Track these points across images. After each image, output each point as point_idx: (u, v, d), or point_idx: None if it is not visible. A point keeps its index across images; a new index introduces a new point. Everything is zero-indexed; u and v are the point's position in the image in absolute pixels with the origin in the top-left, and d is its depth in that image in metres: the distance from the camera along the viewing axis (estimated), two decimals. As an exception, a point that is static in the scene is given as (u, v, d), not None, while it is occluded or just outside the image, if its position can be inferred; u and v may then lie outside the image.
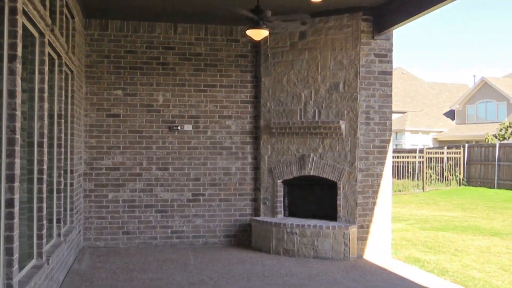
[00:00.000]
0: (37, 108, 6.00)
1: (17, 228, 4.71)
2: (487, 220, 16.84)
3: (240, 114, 10.97)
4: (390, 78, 10.00)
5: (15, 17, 4.66)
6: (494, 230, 14.56)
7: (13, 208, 4.57)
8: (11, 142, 4.59)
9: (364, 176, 9.80)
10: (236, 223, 10.87)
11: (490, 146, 28.41)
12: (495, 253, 11.09)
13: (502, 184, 26.58)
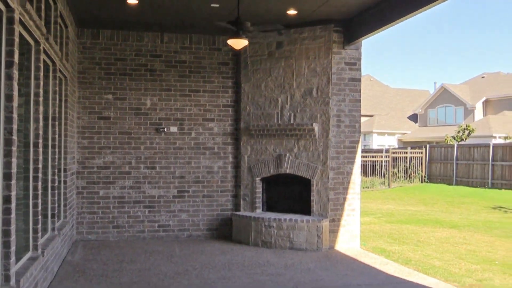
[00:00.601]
0: (32, 111, 5.95)
1: (14, 222, 4.68)
2: (446, 214, 17.00)
3: (222, 117, 10.97)
4: (359, 84, 10.06)
5: (12, 27, 4.65)
6: (453, 222, 14.71)
7: (10, 204, 4.56)
8: (8, 143, 4.58)
9: (335, 174, 9.85)
10: (218, 218, 10.86)
11: (449, 147, 28.69)
12: (453, 243, 11.21)
13: (459, 181, 26.87)
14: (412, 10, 7.77)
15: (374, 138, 47.48)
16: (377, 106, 51.94)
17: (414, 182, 28.42)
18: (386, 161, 28.58)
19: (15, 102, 4.65)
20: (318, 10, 9.09)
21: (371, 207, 18.25)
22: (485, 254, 9.99)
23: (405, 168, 28.85)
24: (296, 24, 10.00)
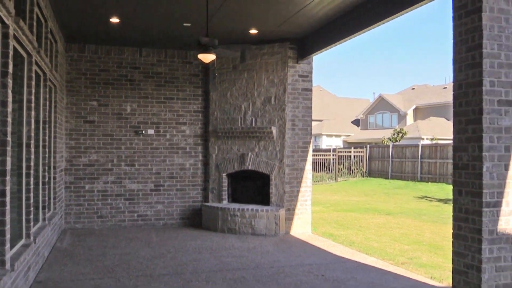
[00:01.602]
0: (25, 115, 5.80)
1: (9, 214, 4.58)
2: (383, 203, 17.26)
3: (193, 121, 10.91)
4: (311, 93, 10.14)
5: (7, 41, 4.56)
6: (388, 210, 14.95)
7: (4, 198, 4.47)
8: (3, 143, 4.49)
9: (290, 170, 9.89)
10: (189, 208, 10.79)
11: (385, 147, 29.15)
12: (389, 228, 11.39)
13: (394, 175, 27.32)
14: (353, 33, 7.88)
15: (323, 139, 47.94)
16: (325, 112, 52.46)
17: (357, 177, 28.79)
18: (333, 159, 28.89)
19: (9, 107, 4.55)
20: (276, 30, 9.13)
21: (320, 198, 18.41)
22: (415, 237, 10.19)
23: (349, 165, 29.20)
24: (257, 42, 10.02)
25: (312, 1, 7.41)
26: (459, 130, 5.17)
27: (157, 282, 6.15)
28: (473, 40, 4.95)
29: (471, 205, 4.97)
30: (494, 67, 4.89)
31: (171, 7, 7.83)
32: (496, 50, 4.90)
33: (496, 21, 4.90)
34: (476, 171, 4.92)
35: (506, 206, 4.94)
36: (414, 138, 36.58)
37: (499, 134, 4.92)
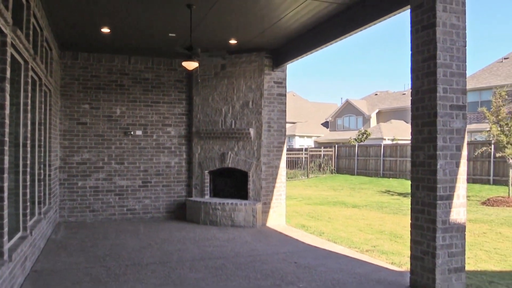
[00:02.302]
0: (22, 118, 5.70)
1: (7, 208, 4.51)
2: (350, 197, 17.42)
3: (178, 123, 10.86)
4: (285, 98, 10.19)
5: (5, 48, 4.49)
6: (355, 203, 15.09)
7: (3, 194, 4.40)
8: (1, 143, 4.41)
9: (266, 167, 9.93)
10: (175, 202, 10.74)
11: (352, 146, 29.41)
12: (355, 219, 11.52)
13: (359, 172, 27.60)
14: (323, 44, 7.95)
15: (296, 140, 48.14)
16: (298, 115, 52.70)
17: (326, 174, 28.98)
18: (305, 157, 29.03)
19: (7, 110, 4.47)
20: (253, 40, 9.15)
21: (294, 193, 18.50)
22: (377, 227, 10.32)
23: (319, 163, 29.38)
24: (236, 51, 10.03)
25: (286, 15, 7.46)
26: (416, 132, 5.27)
27: (145, 270, 6.11)
28: (429, 51, 5.05)
29: (426, 198, 5.07)
30: (447, 75, 5.00)
31: (158, 19, 7.79)
32: (449, 60, 5.01)
33: (449, 35, 5.01)
34: (431, 168, 5.02)
35: (457, 199, 5.06)
36: (377, 139, 37.03)
37: (451, 135, 5.03)
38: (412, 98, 5.30)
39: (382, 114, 47.37)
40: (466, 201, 5.22)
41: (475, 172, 19.98)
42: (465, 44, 5.11)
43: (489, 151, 18.42)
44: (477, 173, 19.99)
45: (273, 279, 5.70)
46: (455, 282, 5.00)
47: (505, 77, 31.28)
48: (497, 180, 19.15)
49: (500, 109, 15.30)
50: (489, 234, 9.47)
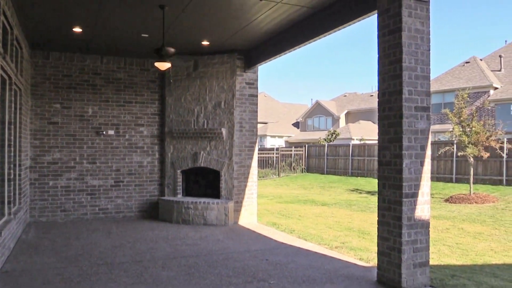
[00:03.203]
0: (-9, 117, 5.54)
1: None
2: (319, 195, 17.61)
3: (150, 123, 10.75)
4: (256, 99, 10.22)
5: (-27, 47, 4.31)
6: (324, 201, 15.26)
7: (-28, 194, 4.23)
8: (-30, 143, 4.24)
9: (238, 167, 9.93)
10: (147, 202, 10.63)
11: (321, 146, 29.72)
12: (324, 217, 11.65)
13: (329, 171, 27.90)
14: (293, 46, 7.99)
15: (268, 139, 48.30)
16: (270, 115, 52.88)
17: (297, 173, 29.19)
18: (277, 157, 29.16)
19: (-24, 109, 4.33)
20: (226, 42, 9.14)
21: (265, 192, 18.56)
22: (346, 224, 10.47)
23: (290, 162, 29.57)
24: (209, 52, 10.00)
25: (257, 18, 7.49)
26: (383, 132, 5.37)
27: (117, 269, 6.03)
28: (395, 55, 5.16)
29: (393, 196, 5.18)
30: (412, 78, 5.12)
31: (130, 19, 7.69)
32: (414, 64, 5.13)
33: (413, 40, 5.13)
34: (397, 167, 5.13)
35: (422, 196, 5.18)
36: (346, 139, 37.54)
37: (416, 136, 5.16)
38: (379, 100, 5.40)
39: (350, 114, 48.03)
40: (430, 199, 5.35)
41: (439, 171, 20.50)
42: (429, 48, 5.24)
43: (451, 151, 18.93)
44: (440, 172, 20.51)
45: (245, 276, 5.71)
46: (420, 276, 5.12)
47: (466, 80, 32.20)
48: (459, 178, 19.70)
49: (462, 110, 15.75)
50: (451, 230, 9.74)
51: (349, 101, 50.42)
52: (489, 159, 17.36)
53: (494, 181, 18.29)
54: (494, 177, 18.37)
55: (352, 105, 49.01)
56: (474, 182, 16.96)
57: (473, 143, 15.47)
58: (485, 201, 14.29)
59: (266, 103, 54.45)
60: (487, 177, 18.55)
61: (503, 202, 14.26)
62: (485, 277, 5.85)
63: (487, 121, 16.60)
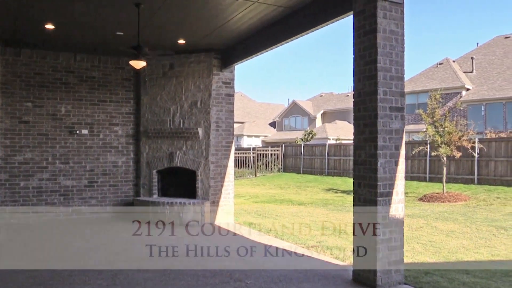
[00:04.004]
0: (-41, 116, 5.39)
1: None
2: (296, 195, 17.70)
3: (125, 122, 10.62)
4: (233, 98, 10.21)
5: None
6: (300, 201, 15.36)
7: None
8: None
9: (215, 167, 9.91)
10: (122, 202, 10.50)
11: (298, 146, 29.85)
12: (301, 216, 11.72)
13: (305, 170, 28.05)
14: (270, 46, 8.02)
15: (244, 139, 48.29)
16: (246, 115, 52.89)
17: (273, 172, 29.25)
18: (253, 156, 29.20)
19: None
20: (202, 41, 9.11)
21: (242, 191, 18.55)
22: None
23: (267, 162, 29.62)
24: (185, 51, 9.95)
25: (234, 17, 7.49)
26: (358, 132, 5.44)
27: (91, 272, 5.94)
28: (370, 56, 5.23)
29: (368, 195, 5.25)
30: (386, 79, 5.20)
31: (105, 16, 7.59)
32: (388, 65, 5.21)
33: (388, 41, 5.21)
34: (372, 166, 5.21)
35: (396, 195, 5.27)
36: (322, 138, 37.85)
37: (391, 135, 5.24)
38: (355, 100, 5.46)
39: (327, 114, 48.45)
40: (404, 198, 5.45)
41: (413, 170, 20.87)
42: (403, 50, 5.33)
43: (425, 151, 19.30)
44: (414, 171, 20.88)
45: (222, 276, 5.70)
46: (394, 274, 5.21)
47: (439, 81, 32.88)
48: (432, 177, 20.10)
49: (435, 111, 16.07)
50: (425, 228, 9.93)
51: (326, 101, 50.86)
52: (461, 158, 17.78)
53: (466, 180, 18.73)
54: (466, 176, 18.81)
55: (328, 105, 49.44)
56: (447, 181, 17.33)
57: (446, 143, 15.80)
58: (458, 200, 14.62)
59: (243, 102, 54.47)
60: (460, 176, 18.98)
61: (475, 201, 14.62)
62: (457, 274, 5.99)
63: (460, 122, 17.00)
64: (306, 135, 37.10)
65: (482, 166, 18.41)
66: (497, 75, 32.39)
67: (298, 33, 7.17)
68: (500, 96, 30.12)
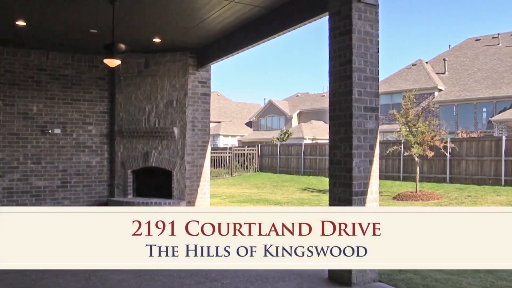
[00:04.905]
0: None
1: None
2: (272, 194, 17.74)
3: (99, 122, 10.47)
4: (209, 98, 10.18)
5: None
6: (277, 200, 15.41)
7: None
8: None
9: (191, 166, 9.86)
10: (96, 203, 10.34)
11: (274, 145, 29.92)
12: (278, 216, 11.74)
13: (281, 170, 28.14)
14: (246, 45, 8.07)
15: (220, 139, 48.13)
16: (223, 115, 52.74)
17: (250, 172, 29.24)
18: (230, 156, 29.12)
19: None
20: (178, 40, 9.05)
21: (218, 191, 18.50)
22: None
23: (243, 162, 29.59)
24: (161, 49, 9.87)
25: (210, 16, 7.46)
26: (333, 132, 5.49)
27: (64, 273, 5.82)
28: (345, 56, 5.29)
29: (343, 194, 5.31)
30: (361, 79, 5.27)
31: (78, 13, 7.45)
32: (363, 65, 5.28)
33: (363, 42, 5.28)
34: (347, 165, 5.26)
35: (371, 194, 5.34)
36: (298, 138, 38.04)
37: (365, 135, 5.31)
38: (330, 100, 5.52)
39: (303, 114, 48.74)
40: (379, 196, 5.53)
41: (387, 169, 21.20)
42: (378, 51, 5.41)
43: (399, 150, 19.62)
44: (388, 170, 21.22)
45: (197, 277, 5.68)
46: (369, 272, 5.28)
47: (413, 82, 33.48)
48: (406, 176, 20.46)
49: (409, 111, 16.36)
50: (398, 227, 10.08)
51: (302, 101, 51.15)
52: (434, 158, 18.14)
53: (438, 179, 19.13)
54: (439, 175, 19.21)
55: (305, 105, 49.74)
56: (420, 180, 17.66)
57: (419, 142, 16.09)
58: (430, 198, 14.92)
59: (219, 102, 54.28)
60: (432, 175, 19.37)
61: (447, 199, 14.95)
62: (430, 271, 6.11)
63: (432, 122, 17.34)
64: (282, 135, 37.23)
65: (454, 165, 18.84)
66: (468, 77, 33.19)
67: (274, 33, 7.20)
68: (471, 97, 30.88)
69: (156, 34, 8.75)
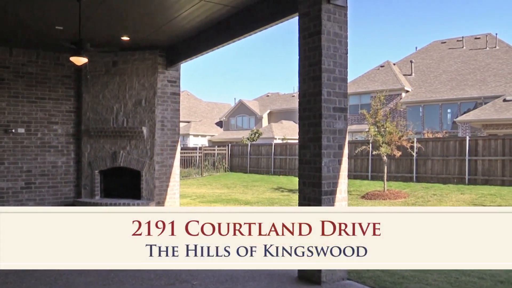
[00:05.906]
0: None
1: None
2: (242, 194, 17.75)
3: (65, 121, 10.23)
4: (178, 97, 10.11)
5: None
6: (247, 200, 15.43)
7: None
8: None
9: (160, 166, 9.77)
10: (62, 204, 10.11)
11: (244, 145, 29.92)
12: (248, 216, 11.77)
13: (252, 170, 28.15)
14: (216, 45, 8.06)
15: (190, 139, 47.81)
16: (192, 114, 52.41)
17: (220, 172, 29.16)
18: (200, 156, 28.98)
19: None
20: (147, 38, 8.95)
21: (188, 191, 18.38)
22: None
23: (213, 161, 29.47)
24: (129, 48, 9.73)
25: (180, 15, 7.41)
26: (303, 132, 5.54)
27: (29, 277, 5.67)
28: (314, 57, 5.34)
29: (312, 193, 5.36)
30: (330, 80, 5.34)
31: (43, 9, 7.27)
32: (332, 66, 5.35)
33: (332, 43, 5.35)
34: (316, 165, 5.32)
35: (340, 194, 5.42)
36: (268, 138, 38.18)
37: (334, 135, 5.38)
38: (300, 100, 5.56)
39: (273, 114, 48.95)
40: (348, 196, 5.61)
41: (356, 169, 21.53)
42: (347, 52, 5.49)
43: (367, 150, 19.96)
44: (357, 170, 21.55)
45: (167, 278, 5.63)
46: (338, 270, 5.35)
47: (381, 83, 34.13)
48: (374, 175, 20.83)
49: (378, 111, 16.66)
50: (367, 226, 10.26)
51: (272, 101, 51.36)
52: (401, 157, 18.53)
53: (405, 178, 19.55)
54: (406, 174, 19.64)
55: (275, 105, 49.96)
56: (388, 179, 18.01)
57: (387, 142, 16.42)
58: (398, 197, 15.24)
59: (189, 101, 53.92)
60: (400, 175, 19.79)
61: (413, 198, 15.30)
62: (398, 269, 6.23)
63: (400, 122, 17.72)
64: (253, 135, 37.27)
65: (420, 164, 19.29)
66: (434, 78, 34.07)
67: (244, 33, 7.21)
68: (436, 98, 31.71)
69: (124, 32, 8.62)
